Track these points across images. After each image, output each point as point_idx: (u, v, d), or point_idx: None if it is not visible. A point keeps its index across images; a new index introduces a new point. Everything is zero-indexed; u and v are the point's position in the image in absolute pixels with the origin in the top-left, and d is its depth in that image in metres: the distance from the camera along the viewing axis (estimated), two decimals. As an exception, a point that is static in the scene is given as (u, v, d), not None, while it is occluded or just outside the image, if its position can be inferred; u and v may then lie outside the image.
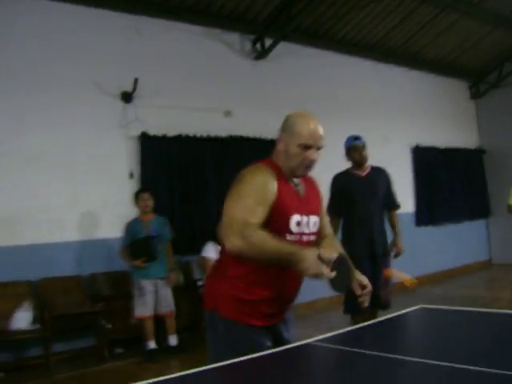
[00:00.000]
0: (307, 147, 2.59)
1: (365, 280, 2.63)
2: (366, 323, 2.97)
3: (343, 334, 2.70)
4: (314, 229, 2.75)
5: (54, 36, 6.85)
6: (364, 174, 5.58)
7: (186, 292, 7.25)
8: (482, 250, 12.96)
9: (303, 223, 2.65)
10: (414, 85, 11.61)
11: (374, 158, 9.88)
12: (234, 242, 2.39)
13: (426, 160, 11.52)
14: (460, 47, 11.65)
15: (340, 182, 5.66)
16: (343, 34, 9.87)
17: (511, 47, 12.25)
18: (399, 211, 10.62)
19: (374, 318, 5.01)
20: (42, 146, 6.64)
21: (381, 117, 10.56)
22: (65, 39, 6.94)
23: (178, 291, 7.03)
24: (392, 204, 5.87)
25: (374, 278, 2.73)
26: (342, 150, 5.68)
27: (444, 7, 9.89)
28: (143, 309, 6.49)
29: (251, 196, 2.47)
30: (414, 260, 10.83)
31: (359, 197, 5.46)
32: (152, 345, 6.50)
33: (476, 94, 13.26)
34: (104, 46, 7.24)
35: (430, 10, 9.91)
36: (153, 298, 6.55)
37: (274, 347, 2.62)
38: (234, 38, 8.66)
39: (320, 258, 2.29)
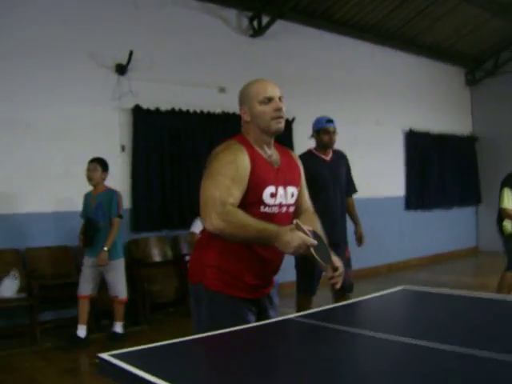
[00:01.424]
0: (269, 100, 2.65)
1: (338, 261, 2.65)
2: (348, 301, 2.99)
3: (325, 311, 2.72)
4: (292, 200, 2.78)
5: (50, 7, 6.79)
6: (328, 157, 5.38)
7: (174, 266, 7.29)
8: (469, 236, 13.05)
9: (279, 194, 2.67)
10: (410, 69, 11.59)
11: (367, 140, 9.99)
12: (213, 223, 2.43)
13: (418, 145, 11.56)
14: (458, 33, 11.62)
15: (304, 164, 5.50)
16: (341, 15, 9.82)
17: (509, 36, 12.23)
18: (390, 194, 10.79)
19: (345, 300, 5.04)
20: (34, 116, 6.62)
21: (375, 100, 10.56)
22: (60, 10, 6.88)
23: (166, 266, 7.07)
24: (351, 190, 5.72)
25: None
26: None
27: (443, -8, 9.86)
28: (80, 287, 6.07)
29: (226, 174, 2.50)
30: (402, 244, 10.95)
31: (323, 182, 5.25)
32: (82, 332, 6.01)
33: (472, 81, 13.28)
34: (100, 18, 7.19)
35: (429, -5, 9.88)
36: (92, 277, 6.07)
37: (258, 320, 2.66)
38: (231, 14, 8.61)
39: (298, 228, 2.34)
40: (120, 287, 6.15)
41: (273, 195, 2.64)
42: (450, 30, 11.37)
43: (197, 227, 6.75)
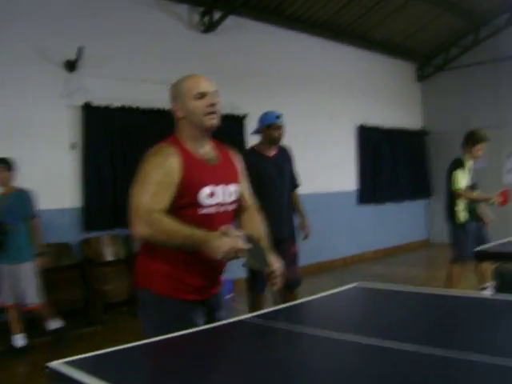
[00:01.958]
0: (203, 95, 2.60)
1: (276, 262, 2.64)
2: (302, 300, 2.98)
3: (277, 310, 2.71)
4: (232, 197, 2.75)
5: (-5, -1, 6.62)
6: (272, 154, 5.37)
7: (126, 265, 7.21)
8: (421, 229, 13.26)
9: (218, 193, 2.64)
10: (361, 65, 11.69)
11: (319, 136, 10.04)
12: (139, 231, 2.41)
13: (370, 139, 11.68)
14: (408, 29, 11.76)
15: (247, 161, 5.46)
16: (293, 10, 9.83)
17: (458, 31, 12.45)
18: (342, 189, 10.88)
19: (294, 297, 5.05)
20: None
21: (327, 95, 10.62)
22: (7, 3, 6.71)
23: (118, 265, 6.99)
24: (295, 184, 5.69)
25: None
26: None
27: (393, -12, 9.96)
28: (3, 296, 5.78)
29: (153, 180, 2.48)
30: (355, 238, 11.05)
31: (268, 179, 5.26)
32: (20, 340, 5.83)
33: (422, 77, 13.47)
34: (48, 13, 7.04)
35: (379, -9, 9.96)
36: (13, 284, 5.76)
37: (207, 322, 2.64)
38: (183, 9, 8.53)
39: (227, 232, 2.33)
40: (30, 292, 5.79)
41: (210, 195, 2.61)
42: (400, 25, 11.50)
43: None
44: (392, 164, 12.21)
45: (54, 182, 6.99)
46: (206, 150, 2.71)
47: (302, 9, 9.86)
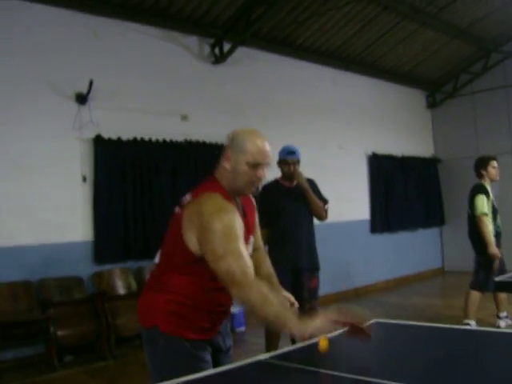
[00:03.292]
0: (256, 165, 2.53)
1: (290, 297, 2.68)
2: (318, 339, 2.91)
3: (295, 350, 2.66)
4: (251, 247, 2.74)
5: (7, 34, 6.67)
6: (293, 184, 5.37)
7: (137, 298, 7.12)
8: (435, 257, 13.14)
9: (248, 247, 2.63)
10: (371, 93, 11.69)
11: (330, 165, 10.00)
12: (239, 296, 2.39)
13: (381, 168, 11.62)
14: (418, 57, 11.80)
15: (268, 193, 5.38)
16: (302, 41, 9.88)
17: (467, 59, 12.47)
18: (355, 218, 10.80)
19: None
20: (-8, 146, 6.46)
21: (338, 124, 10.62)
22: (19, 37, 6.76)
23: (130, 298, 6.93)
24: (324, 200, 5.56)
25: (294, 291, 2.77)
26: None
27: (403, 17, 9.99)
28: None
29: (232, 240, 2.41)
30: (368, 267, 10.95)
31: (286, 209, 5.29)
32: None
33: (432, 104, 13.45)
34: (59, 46, 7.09)
35: (389, 20, 10.00)
36: None
37: (214, 361, 2.64)
38: (193, 41, 8.57)
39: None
40: None
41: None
42: (410, 53, 11.53)
43: (161, 258, 6.62)
44: (404, 192, 12.15)
45: (66, 215, 6.98)
46: (238, 201, 2.69)
47: (312, 38, 9.90)
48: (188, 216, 2.52)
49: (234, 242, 2.41)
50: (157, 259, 6.78)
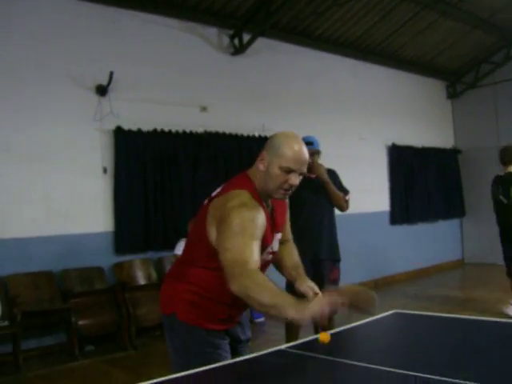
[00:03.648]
0: (289, 171, 2.49)
1: (314, 287, 2.67)
2: (340, 328, 2.92)
3: (315, 340, 2.66)
4: (277, 245, 2.74)
5: (28, 24, 6.71)
6: (314, 176, 5.27)
7: (158, 289, 7.17)
8: (455, 249, 13.06)
9: (273, 245, 2.64)
10: (391, 83, 11.63)
11: (350, 156, 9.97)
12: (237, 286, 2.30)
13: (401, 159, 11.56)
14: (438, 47, 11.69)
15: None
16: (322, 31, 9.84)
17: (488, 49, 12.35)
18: (374, 209, 10.76)
19: (328, 323, 4.98)
20: (14, 138, 6.50)
21: (358, 115, 10.58)
22: (40, 29, 6.80)
23: (151, 288, 6.98)
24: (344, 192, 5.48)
25: (314, 282, 2.73)
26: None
27: (423, 6, 9.90)
28: None
29: (245, 234, 2.37)
30: (388, 258, 10.92)
31: (307, 200, 5.24)
32: None
33: (452, 94, 13.34)
34: (79, 38, 7.12)
35: (409, 9, 9.91)
36: None
37: (232, 350, 2.66)
38: (212, 32, 8.58)
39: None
40: None
41: (269, 252, 2.61)
42: (430, 43, 11.43)
43: (181, 249, 6.65)
44: (424, 183, 12.07)
45: (87, 206, 7.04)
46: (268, 201, 2.67)
47: (331, 29, 9.86)
48: (213, 210, 2.52)
49: (246, 238, 2.37)
50: (176, 250, 6.85)
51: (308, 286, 2.73)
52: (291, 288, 2.81)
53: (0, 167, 6.39)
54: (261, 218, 2.45)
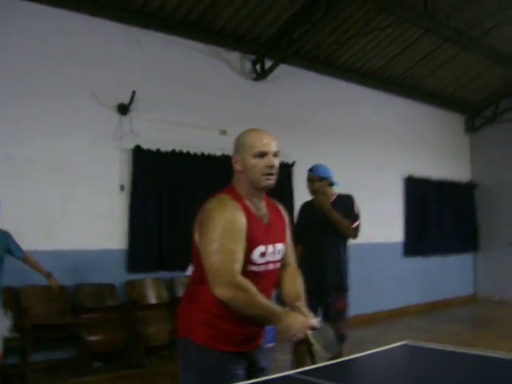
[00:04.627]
0: (263, 154, 2.58)
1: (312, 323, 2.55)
2: (348, 357, 2.92)
3: (325, 367, 2.66)
4: (279, 256, 2.75)
5: (53, 43, 6.83)
6: (316, 203, 5.31)
7: (169, 309, 7.19)
8: (467, 284, 12.94)
9: (268, 253, 2.64)
10: (410, 115, 11.65)
11: (366, 185, 9.96)
12: (221, 293, 2.40)
13: (417, 191, 11.54)
14: (458, 80, 11.72)
15: (301, 211, 5.58)
16: (343, 60, 9.91)
17: (508, 84, 12.34)
18: (388, 240, 10.72)
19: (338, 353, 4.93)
20: (35, 152, 6.60)
21: (376, 145, 10.59)
22: (64, 47, 6.91)
23: (161, 308, 7.00)
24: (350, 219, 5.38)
25: (322, 310, 2.70)
26: (335, 173, 5.50)
27: (445, 40, 9.96)
28: None
29: (228, 237, 2.45)
30: (400, 290, 10.85)
31: (313, 227, 5.27)
32: None
33: (471, 128, 13.32)
34: (103, 57, 7.23)
35: (431, 42, 9.97)
36: None
37: (249, 375, 2.62)
38: (235, 57, 8.67)
39: (299, 312, 2.37)
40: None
41: (262, 254, 2.60)
42: (450, 77, 11.46)
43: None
44: (439, 216, 12.03)
45: (102, 223, 7.08)
46: (260, 206, 2.70)
47: (353, 59, 9.93)
48: (197, 220, 2.62)
49: (229, 239, 2.45)
50: (188, 271, 6.86)
51: (305, 320, 2.54)
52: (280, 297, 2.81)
53: (19, 180, 6.46)
54: (240, 219, 2.52)
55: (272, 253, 2.66)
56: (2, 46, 6.48)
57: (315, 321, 2.33)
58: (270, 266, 2.67)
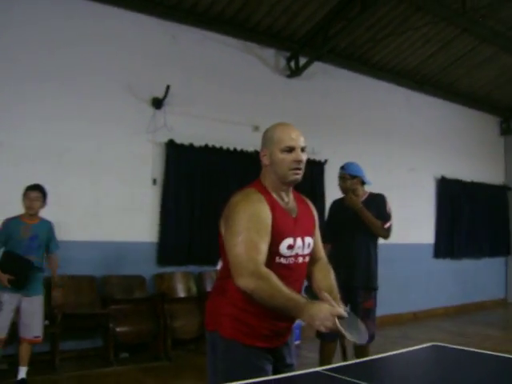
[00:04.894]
0: (291, 149, 2.59)
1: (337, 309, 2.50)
2: (376, 356, 2.91)
3: (352, 365, 2.66)
4: (308, 250, 2.74)
5: (91, 37, 6.91)
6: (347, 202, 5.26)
7: (197, 303, 7.23)
8: (499, 287, 12.80)
9: (297, 246, 2.63)
10: (444, 115, 11.53)
11: (398, 185, 9.90)
12: (244, 284, 2.39)
13: (450, 192, 11.43)
14: (494, 82, 11.57)
15: (332, 209, 5.59)
16: (378, 59, 9.85)
17: (546, 86, 12.15)
18: (419, 241, 10.63)
19: (363, 350, 4.91)
20: (69, 143, 6.69)
21: (409, 145, 10.52)
22: (102, 41, 6.99)
23: (189, 302, 7.05)
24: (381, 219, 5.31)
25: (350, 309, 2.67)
26: (367, 172, 5.47)
27: (482, 40, 9.85)
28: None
29: (251, 229, 2.46)
30: (428, 292, 10.76)
31: (343, 226, 5.25)
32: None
33: (506, 131, 13.15)
34: (139, 51, 7.30)
35: (468, 42, 9.87)
36: (11, 316, 5.39)
37: (275, 371, 2.62)
38: (269, 53, 8.67)
39: (324, 301, 2.34)
40: (38, 326, 5.52)
41: (290, 247, 2.60)
42: (486, 78, 11.33)
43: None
44: (471, 218, 11.90)
45: (133, 215, 7.15)
46: (288, 200, 2.71)
47: (388, 57, 9.87)
48: (223, 214, 2.63)
49: (253, 231, 2.45)
50: (218, 266, 6.89)
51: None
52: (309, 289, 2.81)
53: (52, 173, 6.53)
54: (265, 211, 2.53)
55: (301, 246, 2.65)
56: (50, 45, 6.57)
57: (342, 309, 2.30)
58: (300, 260, 2.66)
